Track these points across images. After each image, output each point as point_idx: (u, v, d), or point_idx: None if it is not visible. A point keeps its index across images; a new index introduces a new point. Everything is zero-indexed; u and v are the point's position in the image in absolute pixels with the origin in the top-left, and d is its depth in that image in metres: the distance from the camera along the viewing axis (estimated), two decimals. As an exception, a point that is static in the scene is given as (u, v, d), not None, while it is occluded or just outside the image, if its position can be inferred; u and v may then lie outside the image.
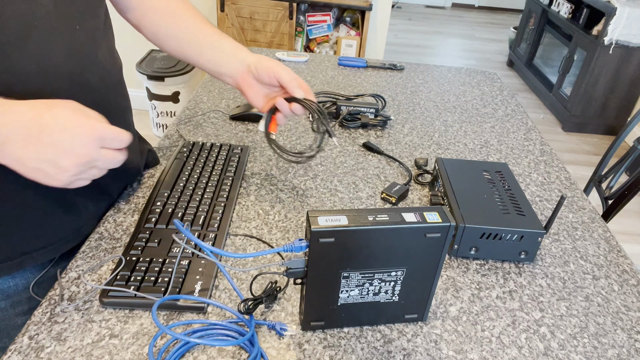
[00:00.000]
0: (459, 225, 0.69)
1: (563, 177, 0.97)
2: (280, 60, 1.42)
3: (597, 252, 0.77)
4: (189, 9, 0.80)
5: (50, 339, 0.54)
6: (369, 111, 1.09)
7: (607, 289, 0.70)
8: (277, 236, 0.73)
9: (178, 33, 0.78)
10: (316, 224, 0.49)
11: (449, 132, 1.10)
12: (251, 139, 0.99)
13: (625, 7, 2.78)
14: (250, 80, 0.76)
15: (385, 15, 2.65)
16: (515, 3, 6.11)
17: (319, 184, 0.87)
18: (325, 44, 2.57)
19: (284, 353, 0.55)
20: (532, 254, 0.72)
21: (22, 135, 0.47)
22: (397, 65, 1.44)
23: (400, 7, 5.95)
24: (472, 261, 0.72)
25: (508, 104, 1.28)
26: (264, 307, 0.61)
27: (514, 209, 0.73)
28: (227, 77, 0.79)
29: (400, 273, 0.55)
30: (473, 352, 0.58)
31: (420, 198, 0.86)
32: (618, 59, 2.93)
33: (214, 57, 0.78)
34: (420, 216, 0.52)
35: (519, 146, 1.07)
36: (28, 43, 0.54)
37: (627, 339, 0.62)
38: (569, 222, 0.84)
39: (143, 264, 0.62)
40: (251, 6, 2.40)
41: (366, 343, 0.58)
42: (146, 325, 0.57)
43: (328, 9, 2.51)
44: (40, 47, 0.56)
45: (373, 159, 0.97)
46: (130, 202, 0.77)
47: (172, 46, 0.79)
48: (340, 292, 0.55)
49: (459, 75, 1.45)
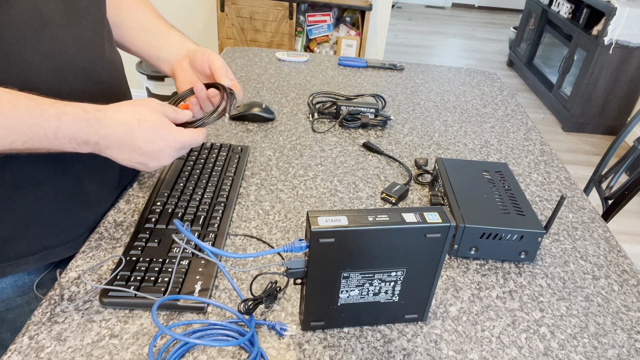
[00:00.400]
0: (459, 225, 0.69)
1: (563, 177, 0.97)
2: (280, 60, 1.42)
3: (597, 252, 0.77)
4: (140, 2, 0.81)
5: (50, 339, 0.54)
6: (369, 111, 1.09)
7: (607, 289, 0.70)
8: (277, 236, 0.73)
9: (124, 22, 0.78)
10: (316, 224, 0.49)
11: (449, 132, 1.10)
12: (251, 139, 0.99)
13: (625, 7, 2.78)
14: (184, 64, 0.76)
15: (385, 15, 2.65)
16: (515, 3, 6.11)
17: (319, 184, 0.87)
18: (325, 44, 2.57)
19: (284, 353, 0.55)
20: (532, 254, 0.72)
21: (118, 146, 0.58)
22: (397, 65, 1.44)
23: (400, 7, 5.95)
24: (472, 261, 0.72)
25: (508, 104, 1.28)
26: (264, 307, 0.61)
27: (514, 209, 0.73)
28: (165, 62, 0.78)
29: (400, 273, 0.55)
30: (473, 352, 0.58)
31: (420, 198, 0.86)
32: (618, 59, 2.93)
33: (160, 43, 0.78)
34: (420, 216, 0.52)
35: (519, 146, 1.07)
36: (42, 39, 0.57)
37: (627, 339, 0.62)
38: (569, 222, 0.84)
39: (143, 264, 0.62)
40: (251, 6, 2.40)
41: (366, 343, 0.58)
42: (146, 325, 0.57)
43: (328, 9, 2.51)
44: (54, 43, 0.59)
45: (373, 159, 0.97)
46: (130, 202, 0.77)
47: (117, 35, 0.78)
48: (340, 292, 0.55)
49: (459, 75, 1.45)
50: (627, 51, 2.90)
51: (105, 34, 0.70)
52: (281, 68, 1.37)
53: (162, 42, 0.78)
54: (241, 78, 1.28)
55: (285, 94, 1.21)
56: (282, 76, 1.32)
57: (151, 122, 0.59)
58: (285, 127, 1.06)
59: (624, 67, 2.96)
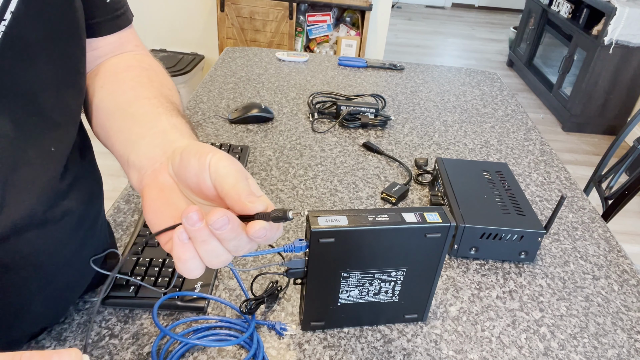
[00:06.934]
0: (459, 225, 0.69)
1: (563, 177, 0.97)
2: (280, 60, 1.42)
3: (597, 252, 0.77)
4: (147, 77, 0.53)
5: (50, 338, 0.54)
6: (369, 111, 1.09)
7: (607, 289, 0.70)
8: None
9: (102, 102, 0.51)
10: (316, 224, 0.49)
11: (449, 132, 1.10)
12: (251, 139, 0.99)
13: (625, 7, 2.78)
14: (160, 180, 0.41)
15: (385, 15, 2.65)
16: (515, 3, 6.11)
17: (319, 184, 0.87)
18: (325, 44, 2.57)
19: (284, 353, 0.55)
20: (532, 254, 0.72)
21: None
22: (397, 65, 1.44)
23: (400, 7, 5.95)
24: (472, 261, 0.72)
25: (508, 104, 1.28)
26: (264, 307, 0.61)
27: (514, 209, 0.73)
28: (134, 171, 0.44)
29: (400, 273, 0.55)
30: (473, 352, 0.58)
31: (420, 198, 0.86)
32: (618, 59, 2.93)
33: (137, 135, 0.46)
34: (420, 216, 0.52)
35: (519, 146, 1.07)
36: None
37: (627, 339, 0.62)
38: (569, 222, 0.84)
39: (143, 264, 0.62)
40: (251, 6, 2.40)
41: (366, 343, 0.58)
42: (146, 326, 0.57)
43: (328, 9, 2.51)
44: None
45: (373, 159, 0.97)
46: (130, 202, 0.77)
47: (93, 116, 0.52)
48: (340, 292, 0.55)
49: (459, 75, 1.45)
50: (627, 51, 2.90)
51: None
52: (281, 68, 1.37)
53: (140, 135, 0.45)
54: (241, 78, 1.28)
55: (285, 94, 1.21)
56: (282, 76, 1.32)
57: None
58: (285, 127, 1.06)
59: (624, 67, 2.95)
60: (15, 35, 0.40)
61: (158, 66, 0.58)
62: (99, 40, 0.54)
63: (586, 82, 3.01)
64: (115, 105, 0.49)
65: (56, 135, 0.46)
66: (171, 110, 0.48)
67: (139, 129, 0.45)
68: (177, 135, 0.44)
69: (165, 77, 0.56)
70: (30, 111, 0.43)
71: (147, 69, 0.55)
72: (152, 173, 0.42)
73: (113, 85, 0.52)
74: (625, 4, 2.81)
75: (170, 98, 0.51)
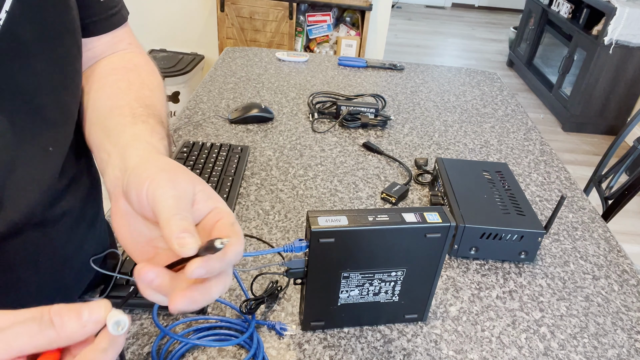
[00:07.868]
0: (459, 225, 0.69)
1: (563, 177, 0.97)
2: (280, 60, 1.42)
3: (597, 252, 0.77)
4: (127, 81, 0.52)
5: (50, 339, 0.54)
6: (369, 111, 1.09)
7: (607, 289, 0.70)
8: (277, 236, 0.73)
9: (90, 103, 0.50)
10: (316, 224, 0.49)
11: (449, 132, 1.10)
12: (251, 139, 0.99)
13: (625, 7, 2.77)
14: (121, 204, 0.38)
15: (385, 15, 2.65)
16: (515, 3, 6.11)
17: (319, 184, 0.87)
18: (325, 44, 2.57)
19: (284, 353, 0.55)
20: (532, 254, 0.72)
21: None
22: (397, 65, 1.44)
23: (400, 7, 5.95)
24: (472, 261, 0.72)
25: (508, 104, 1.28)
26: (264, 307, 0.61)
27: (514, 209, 0.73)
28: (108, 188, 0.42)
29: (400, 273, 0.55)
30: (473, 352, 0.58)
31: (420, 198, 0.86)
32: (618, 59, 2.93)
33: (104, 151, 0.45)
34: (420, 216, 0.52)
35: (519, 146, 1.07)
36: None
37: (627, 339, 0.62)
38: (569, 222, 0.84)
39: (143, 264, 0.62)
40: (251, 6, 2.40)
41: (366, 343, 0.58)
42: (146, 326, 0.57)
43: (328, 9, 2.51)
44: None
45: (373, 159, 0.97)
46: (130, 202, 0.77)
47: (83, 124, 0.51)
48: (341, 292, 0.55)
49: (459, 75, 1.45)
50: (627, 51, 2.90)
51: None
52: (281, 68, 1.37)
53: (108, 153, 0.44)
54: (241, 78, 1.28)
55: (285, 94, 1.21)
56: (282, 76, 1.32)
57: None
58: (285, 127, 1.06)
59: (624, 67, 2.95)
60: (10, 35, 0.40)
61: (146, 64, 0.56)
62: (94, 40, 0.54)
63: (586, 82, 3.01)
64: (97, 116, 0.48)
65: (53, 135, 0.46)
66: (139, 115, 0.46)
67: (108, 145, 0.44)
68: (134, 148, 0.42)
69: (150, 75, 0.55)
70: (27, 111, 0.43)
71: (131, 69, 0.54)
72: (114, 199, 0.40)
73: (97, 92, 0.51)
74: (625, 4, 2.81)
75: (145, 100, 0.49)
